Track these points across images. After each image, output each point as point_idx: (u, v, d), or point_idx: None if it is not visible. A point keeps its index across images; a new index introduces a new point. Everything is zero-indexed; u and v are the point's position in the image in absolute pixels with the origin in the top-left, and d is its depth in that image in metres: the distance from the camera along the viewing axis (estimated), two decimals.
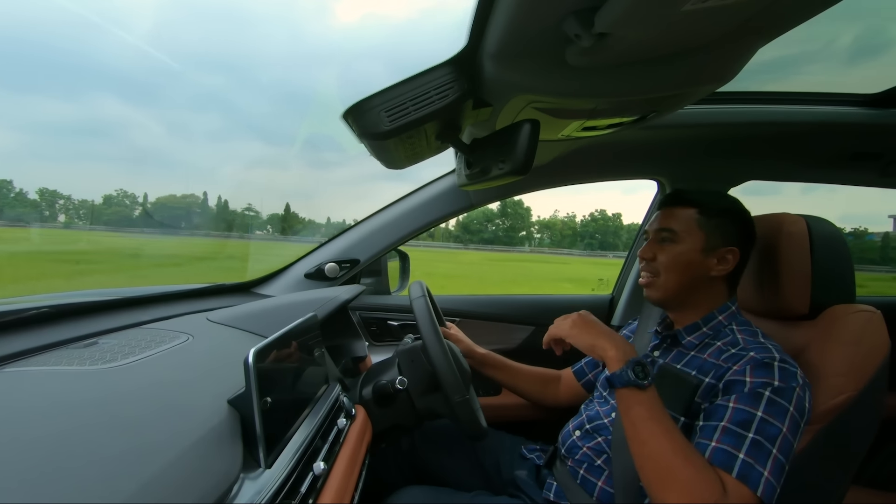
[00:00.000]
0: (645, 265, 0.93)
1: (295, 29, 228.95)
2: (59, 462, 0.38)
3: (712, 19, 0.52)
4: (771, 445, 0.68)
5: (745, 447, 0.69)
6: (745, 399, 0.72)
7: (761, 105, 1.26)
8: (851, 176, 1.49)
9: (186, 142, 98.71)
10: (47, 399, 0.49)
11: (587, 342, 0.81)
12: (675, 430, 0.71)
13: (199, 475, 0.46)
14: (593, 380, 1.14)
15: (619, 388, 0.75)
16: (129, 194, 25.04)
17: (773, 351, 0.78)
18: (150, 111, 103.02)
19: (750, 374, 0.74)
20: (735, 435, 0.70)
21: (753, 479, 0.66)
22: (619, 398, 0.75)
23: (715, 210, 0.88)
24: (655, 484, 0.69)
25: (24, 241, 7.63)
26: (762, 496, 0.65)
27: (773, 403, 0.71)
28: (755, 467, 0.67)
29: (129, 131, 71.93)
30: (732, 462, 0.68)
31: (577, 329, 0.84)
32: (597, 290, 1.99)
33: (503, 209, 38.94)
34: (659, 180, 1.54)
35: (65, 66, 52.05)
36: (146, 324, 0.87)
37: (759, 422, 0.70)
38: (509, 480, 1.04)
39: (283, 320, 0.80)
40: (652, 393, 0.74)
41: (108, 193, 13.41)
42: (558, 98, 0.73)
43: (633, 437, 0.73)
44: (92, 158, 48.54)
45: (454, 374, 0.84)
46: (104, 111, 37.23)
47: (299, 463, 0.60)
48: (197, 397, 0.59)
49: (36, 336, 0.68)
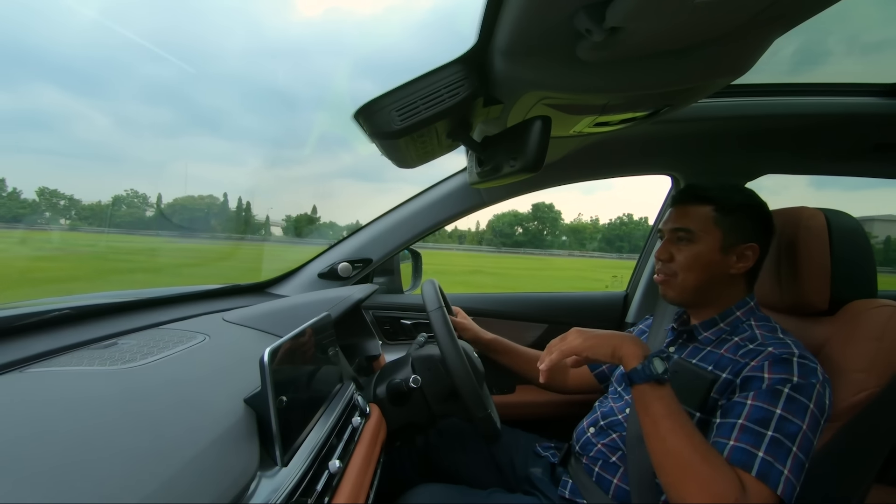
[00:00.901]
0: (661, 265, 0.91)
1: (253, 21, 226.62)
2: (80, 460, 0.39)
3: (726, 10, 0.51)
4: (791, 443, 0.67)
5: (764, 445, 0.67)
6: (763, 396, 0.71)
7: (778, 97, 1.23)
8: (873, 168, 1.45)
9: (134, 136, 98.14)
10: (69, 399, 0.50)
11: (607, 350, 0.77)
12: (693, 427, 0.70)
13: (217, 473, 0.47)
14: (607, 372, 1.14)
15: (638, 384, 0.72)
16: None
17: (793, 346, 0.76)
18: (97, 102, 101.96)
19: (768, 370, 0.73)
20: (754, 433, 0.69)
21: (773, 478, 0.65)
22: (638, 395, 0.73)
23: (731, 206, 0.86)
24: (674, 481, 0.68)
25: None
26: (782, 495, 0.64)
27: (792, 400, 0.69)
28: (775, 465, 0.66)
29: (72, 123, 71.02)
30: (752, 461, 0.67)
31: (592, 340, 0.78)
32: (611, 286, 1.97)
33: (534, 213, 38.89)
34: (673, 175, 1.52)
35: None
36: (164, 324, 0.89)
37: (778, 419, 0.68)
38: (524, 478, 1.03)
39: (297, 320, 0.80)
40: (669, 389, 0.72)
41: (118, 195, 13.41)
42: (570, 94, 0.73)
43: (652, 434, 0.71)
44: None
45: (476, 390, 0.83)
46: (43, 100, 36.18)
47: (315, 461, 0.60)
48: (214, 396, 0.59)
49: (58, 337, 0.70)
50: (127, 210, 11.82)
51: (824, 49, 1.19)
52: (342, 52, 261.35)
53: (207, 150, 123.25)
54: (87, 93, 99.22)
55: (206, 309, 1.05)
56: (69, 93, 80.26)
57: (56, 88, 57.43)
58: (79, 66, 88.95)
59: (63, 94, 73.56)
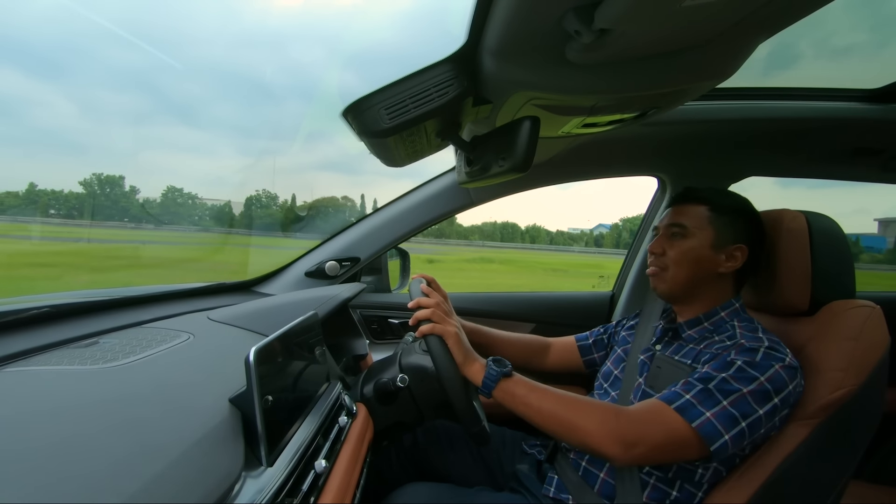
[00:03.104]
0: (654, 259, 0.94)
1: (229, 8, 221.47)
2: (61, 461, 0.38)
3: (712, 15, 0.52)
4: (722, 397, 0.72)
5: (693, 392, 0.74)
6: (716, 365, 0.77)
7: (762, 101, 1.25)
8: (853, 171, 1.48)
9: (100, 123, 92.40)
10: (48, 399, 0.49)
11: (459, 360, 0.83)
12: (554, 389, 0.80)
13: (201, 474, 0.46)
14: (597, 360, 1.17)
15: (495, 388, 0.80)
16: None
17: (765, 340, 0.79)
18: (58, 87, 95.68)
19: (734, 353, 0.77)
20: (691, 385, 0.75)
21: (690, 412, 0.71)
22: (500, 395, 0.81)
23: (726, 207, 0.90)
24: (567, 430, 0.76)
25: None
26: (698, 429, 0.70)
27: (740, 370, 0.74)
28: (696, 407, 0.72)
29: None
30: (676, 399, 0.74)
31: (456, 348, 0.84)
32: (597, 286, 1.98)
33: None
34: (659, 177, 1.53)
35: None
36: (147, 323, 0.87)
37: (719, 381, 0.74)
38: (511, 475, 1.04)
39: (283, 319, 0.80)
40: (518, 375, 0.82)
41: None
42: (559, 95, 0.73)
43: (532, 414, 0.79)
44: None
45: (471, 406, 0.83)
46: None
47: (301, 461, 0.60)
48: (198, 396, 0.59)
49: (37, 336, 0.68)
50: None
51: (796, 52, 1.22)
52: (319, 39, 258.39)
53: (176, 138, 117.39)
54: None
55: (190, 307, 1.04)
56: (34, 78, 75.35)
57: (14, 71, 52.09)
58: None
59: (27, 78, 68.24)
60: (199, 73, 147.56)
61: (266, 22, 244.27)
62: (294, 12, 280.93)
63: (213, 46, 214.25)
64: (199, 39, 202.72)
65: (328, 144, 62.91)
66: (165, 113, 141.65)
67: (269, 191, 11.89)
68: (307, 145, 19.19)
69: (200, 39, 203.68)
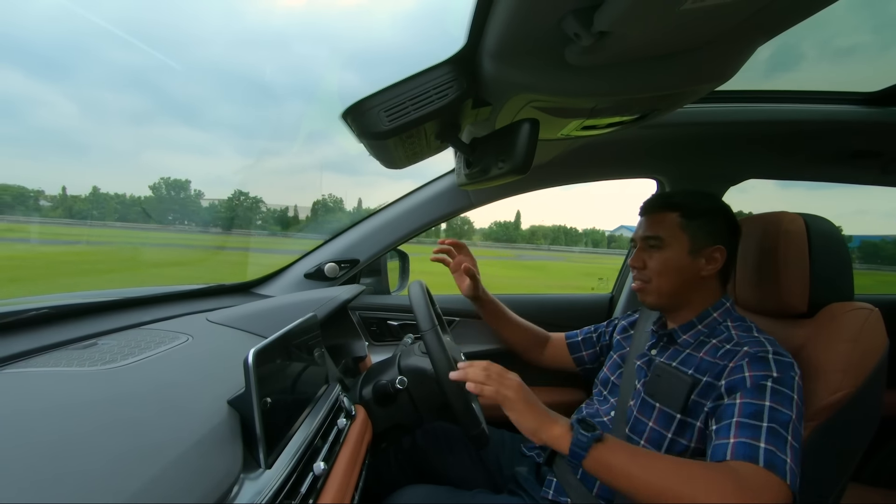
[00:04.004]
0: (636, 273, 0.94)
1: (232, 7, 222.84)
2: (60, 462, 0.38)
3: (712, 17, 0.52)
4: (785, 432, 0.68)
5: (763, 436, 0.68)
6: (749, 393, 0.73)
7: (762, 104, 1.26)
8: (852, 174, 1.49)
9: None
10: (47, 400, 0.49)
11: (529, 426, 0.74)
12: (655, 454, 0.71)
13: (199, 475, 0.46)
14: (586, 359, 1.19)
15: (587, 457, 0.70)
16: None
17: (767, 344, 0.79)
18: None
19: (748, 369, 0.75)
20: (750, 427, 0.70)
21: (780, 467, 0.65)
22: (593, 466, 0.70)
23: (697, 210, 0.90)
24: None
25: None
26: (790, 484, 0.64)
27: (776, 393, 0.72)
28: (778, 455, 0.66)
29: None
30: (756, 453, 0.67)
31: (522, 406, 0.75)
32: (596, 289, 1.98)
33: None
34: (658, 179, 1.53)
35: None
36: (146, 324, 0.87)
37: (769, 411, 0.70)
38: (510, 477, 1.04)
39: (282, 320, 0.79)
40: (608, 436, 0.72)
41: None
42: (558, 97, 0.73)
43: (633, 487, 0.68)
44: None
45: (470, 409, 0.83)
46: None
47: (299, 463, 0.60)
48: (197, 398, 0.59)
49: (35, 337, 0.68)
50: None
51: (798, 54, 1.22)
52: (321, 38, 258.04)
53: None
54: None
55: (189, 309, 1.04)
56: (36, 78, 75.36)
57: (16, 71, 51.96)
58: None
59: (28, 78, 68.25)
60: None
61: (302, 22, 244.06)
62: (297, 12, 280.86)
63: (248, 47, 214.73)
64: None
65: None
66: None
67: (334, 195, 12.01)
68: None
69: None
